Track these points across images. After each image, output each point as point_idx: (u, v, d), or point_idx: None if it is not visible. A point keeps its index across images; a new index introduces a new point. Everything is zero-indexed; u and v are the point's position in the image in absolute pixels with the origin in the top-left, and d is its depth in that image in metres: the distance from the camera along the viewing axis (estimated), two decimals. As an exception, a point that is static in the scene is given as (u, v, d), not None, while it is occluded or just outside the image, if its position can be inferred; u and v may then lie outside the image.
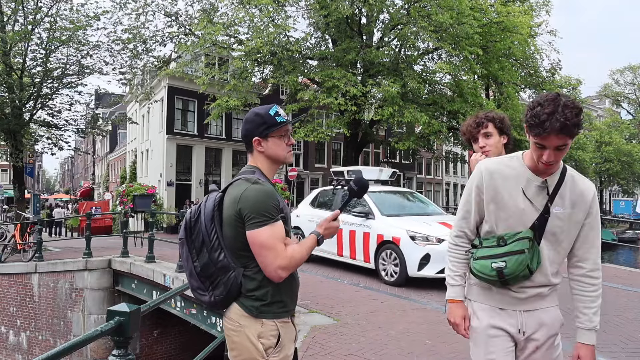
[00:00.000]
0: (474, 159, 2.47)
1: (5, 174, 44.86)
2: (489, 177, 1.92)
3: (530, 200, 1.86)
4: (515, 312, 1.92)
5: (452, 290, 2.06)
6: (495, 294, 1.95)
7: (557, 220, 1.85)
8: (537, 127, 1.70)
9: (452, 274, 2.07)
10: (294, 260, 1.85)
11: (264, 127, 1.95)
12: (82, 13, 14.82)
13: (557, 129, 1.67)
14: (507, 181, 1.89)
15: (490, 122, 2.53)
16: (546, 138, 1.71)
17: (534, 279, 1.89)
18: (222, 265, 1.85)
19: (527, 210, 1.86)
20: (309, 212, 9.33)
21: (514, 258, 1.83)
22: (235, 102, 17.40)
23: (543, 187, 1.86)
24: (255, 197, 1.82)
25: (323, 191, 9.85)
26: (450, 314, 2.07)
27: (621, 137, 43.68)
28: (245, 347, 1.85)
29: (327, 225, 2.00)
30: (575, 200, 1.87)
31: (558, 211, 1.86)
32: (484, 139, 2.54)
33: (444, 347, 4.59)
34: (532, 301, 1.93)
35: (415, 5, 17.26)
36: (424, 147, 23.10)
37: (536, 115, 1.70)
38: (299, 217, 9.38)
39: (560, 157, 1.78)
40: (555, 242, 1.88)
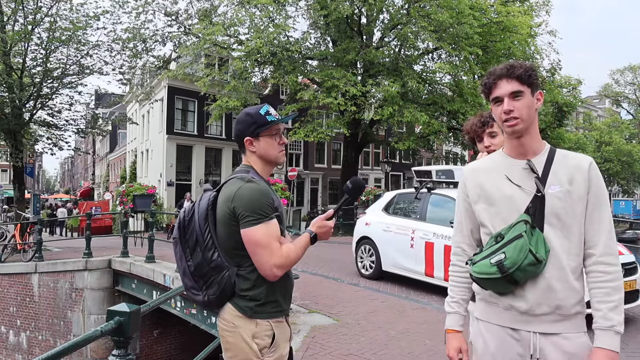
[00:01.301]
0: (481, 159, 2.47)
1: (5, 174, 44.85)
2: (472, 176, 1.82)
3: (518, 185, 1.70)
4: (529, 333, 1.63)
5: (449, 319, 1.86)
6: (503, 310, 1.68)
7: (556, 200, 1.65)
8: (487, 79, 1.71)
9: (449, 300, 1.86)
10: (289, 259, 1.85)
11: (255, 126, 1.95)
12: (82, 13, 14.83)
13: (503, 72, 1.67)
14: (489, 174, 1.77)
15: (495, 122, 2.49)
16: (497, 86, 1.68)
17: (547, 274, 1.60)
18: (215, 264, 1.85)
19: (516, 196, 1.68)
20: (383, 219, 7.78)
21: (512, 245, 1.60)
22: (235, 102, 17.40)
23: (528, 169, 1.70)
24: (250, 196, 1.82)
25: (401, 195, 8.12)
26: (446, 346, 1.87)
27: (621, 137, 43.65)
28: (240, 348, 1.85)
29: (321, 224, 1.98)
30: (572, 175, 1.67)
31: (555, 190, 1.66)
32: (489, 139, 2.50)
33: (444, 347, 4.57)
34: (551, 320, 1.61)
35: (415, 5, 17.25)
36: (424, 147, 23.10)
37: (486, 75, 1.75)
38: (370, 226, 8.02)
39: (522, 110, 1.65)
40: (562, 226, 1.64)
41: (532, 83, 1.67)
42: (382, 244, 7.64)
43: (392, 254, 7.41)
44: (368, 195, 17.56)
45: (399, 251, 7.30)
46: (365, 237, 8.07)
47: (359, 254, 8.27)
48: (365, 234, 8.09)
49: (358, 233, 8.33)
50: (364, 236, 8.13)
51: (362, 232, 8.20)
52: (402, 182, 38.24)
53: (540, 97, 1.70)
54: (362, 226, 8.28)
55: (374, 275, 7.82)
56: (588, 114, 46.90)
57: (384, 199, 8.36)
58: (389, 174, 24.48)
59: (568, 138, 26.01)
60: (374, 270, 7.82)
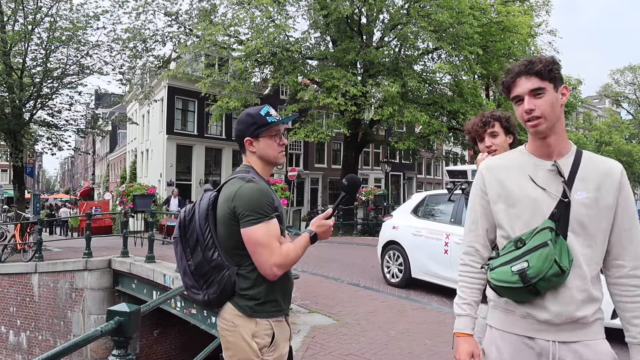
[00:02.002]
0: (481, 159, 2.44)
1: (5, 174, 44.85)
2: (490, 174, 1.70)
3: (543, 187, 1.58)
4: (548, 342, 1.55)
5: (459, 322, 1.74)
6: (520, 318, 1.59)
7: (582, 207, 1.55)
8: (506, 78, 1.63)
9: (459, 302, 1.76)
10: (289, 258, 1.86)
11: (255, 127, 1.96)
12: (82, 13, 14.83)
13: (522, 69, 1.58)
14: (511, 172, 1.65)
15: (497, 122, 2.48)
16: (516, 84, 1.59)
17: (569, 284, 1.52)
18: (216, 264, 1.86)
19: (540, 199, 1.58)
20: (413, 223, 7.25)
21: (536, 254, 1.50)
22: (235, 103, 17.40)
23: (555, 171, 1.59)
24: (250, 195, 1.83)
25: (432, 197, 7.56)
26: (456, 350, 1.74)
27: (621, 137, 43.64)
28: (240, 347, 1.86)
29: (320, 223, 1.98)
30: (600, 181, 1.57)
31: (581, 196, 1.55)
32: (491, 139, 2.48)
33: (444, 347, 4.59)
34: (570, 328, 1.54)
35: (415, 5, 17.26)
36: (424, 147, 23.11)
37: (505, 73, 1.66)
38: (398, 230, 7.49)
39: (545, 108, 1.56)
40: (586, 235, 1.55)
41: (554, 77, 1.57)
42: (412, 249, 7.08)
43: (423, 260, 6.85)
44: (368, 195, 17.56)
45: (431, 257, 6.75)
46: (392, 242, 7.51)
47: (385, 260, 7.66)
48: (392, 238, 7.52)
49: (384, 237, 7.75)
50: (391, 241, 7.54)
51: (389, 237, 7.61)
52: (402, 182, 38.24)
53: (565, 91, 1.60)
54: (389, 230, 7.69)
55: (402, 282, 7.23)
56: (588, 114, 46.89)
57: (413, 200, 7.82)
58: (389, 174, 24.48)
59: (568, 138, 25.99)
60: (403, 278, 7.23)
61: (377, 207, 18.34)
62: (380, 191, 18.35)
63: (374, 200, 17.41)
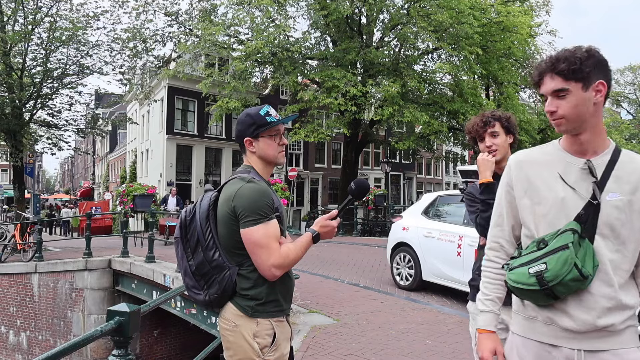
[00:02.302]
0: (481, 159, 2.44)
1: (5, 174, 44.85)
2: (518, 168, 1.60)
3: (572, 187, 1.49)
4: (573, 351, 1.45)
5: (482, 318, 1.68)
6: (543, 325, 1.51)
7: (613, 210, 1.45)
8: (533, 76, 1.55)
9: (482, 298, 1.69)
10: (288, 259, 1.86)
11: (254, 127, 1.96)
12: (82, 13, 14.85)
13: (546, 67, 1.48)
14: (540, 168, 1.56)
15: (497, 121, 2.47)
16: (543, 82, 1.50)
17: (594, 290, 1.43)
18: (216, 264, 1.86)
19: (568, 199, 1.48)
20: (424, 224, 7.06)
21: (555, 256, 1.42)
22: (235, 103, 17.40)
23: (587, 170, 1.49)
24: (249, 196, 1.83)
25: (443, 197, 7.35)
26: (478, 347, 1.68)
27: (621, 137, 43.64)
28: (241, 347, 1.86)
29: (324, 224, 1.98)
30: (637, 184, 1.46)
31: (613, 198, 1.45)
32: (491, 139, 2.46)
33: (444, 347, 4.59)
34: (597, 336, 1.44)
35: (415, 5, 17.26)
36: (424, 147, 23.11)
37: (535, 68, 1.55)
38: (408, 231, 7.26)
39: (567, 109, 1.47)
40: (616, 239, 1.45)
41: (583, 76, 1.44)
42: (423, 251, 6.90)
43: (435, 263, 6.67)
44: (368, 195, 17.55)
45: (444, 260, 6.57)
46: (402, 244, 7.29)
47: (394, 262, 7.46)
48: (402, 240, 7.29)
49: (394, 239, 7.53)
50: (401, 242, 7.32)
51: (399, 238, 7.39)
52: (402, 182, 38.23)
53: (602, 87, 1.46)
54: (399, 231, 7.44)
55: (412, 285, 7.06)
56: (588, 114, 46.90)
57: (423, 201, 7.55)
58: (389, 174, 24.47)
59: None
60: (413, 280, 7.06)
61: (377, 207, 18.35)
62: (380, 191, 18.36)
63: (374, 200, 17.41)
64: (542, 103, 14.45)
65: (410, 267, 7.13)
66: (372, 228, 18.64)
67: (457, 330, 5.14)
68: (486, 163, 2.40)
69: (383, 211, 19.09)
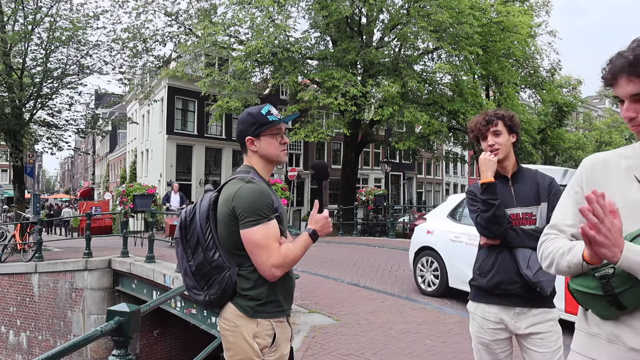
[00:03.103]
0: (482, 158, 2.40)
1: (5, 174, 44.86)
2: (590, 169, 1.47)
3: None
4: None
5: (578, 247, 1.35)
6: (607, 344, 1.34)
7: None
8: (604, 73, 1.37)
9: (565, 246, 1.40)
10: (288, 258, 1.85)
11: (256, 126, 1.96)
12: (82, 13, 14.86)
13: (623, 67, 1.28)
14: (614, 170, 1.42)
15: (500, 120, 2.41)
16: (617, 84, 1.32)
17: None
18: (216, 264, 1.86)
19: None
20: (450, 227, 6.60)
21: None
22: (235, 103, 17.41)
23: None
24: (249, 196, 1.83)
25: None
26: None
27: (621, 137, 43.62)
28: (241, 347, 1.86)
29: (315, 219, 1.99)
30: None
31: None
32: (493, 137, 2.41)
33: (444, 347, 4.59)
34: None
35: (415, 5, 17.27)
36: (424, 147, 23.12)
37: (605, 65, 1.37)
38: (433, 234, 6.88)
39: None
40: None
41: None
42: (450, 256, 6.52)
43: (463, 269, 6.11)
44: (368, 195, 17.56)
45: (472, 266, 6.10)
46: (426, 248, 6.95)
47: (418, 267, 7.12)
48: (427, 243, 6.96)
49: (417, 243, 7.21)
50: (425, 246, 6.99)
51: (423, 242, 7.05)
52: (402, 182, 38.23)
53: None
54: (423, 235, 7.12)
55: (438, 292, 6.72)
56: (588, 114, 46.87)
57: (449, 203, 7.15)
58: (389, 174, 24.48)
59: (568, 138, 26.05)
60: (439, 287, 6.71)
61: (377, 207, 18.34)
62: (380, 191, 18.34)
63: (374, 200, 17.41)
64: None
65: (436, 272, 6.78)
66: (372, 228, 18.63)
67: (457, 330, 5.14)
68: (488, 162, 2.35)
69: (383, 211, 19.09)
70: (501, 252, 2.34)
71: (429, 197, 44.00)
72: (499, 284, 2.29)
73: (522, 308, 2.26)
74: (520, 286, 2.24)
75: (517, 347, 2.35)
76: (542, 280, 2.19)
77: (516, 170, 2.42)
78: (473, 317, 2.39)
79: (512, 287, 2.26)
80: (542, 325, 2.23)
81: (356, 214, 18.01)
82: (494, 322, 2.29)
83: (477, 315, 2.37)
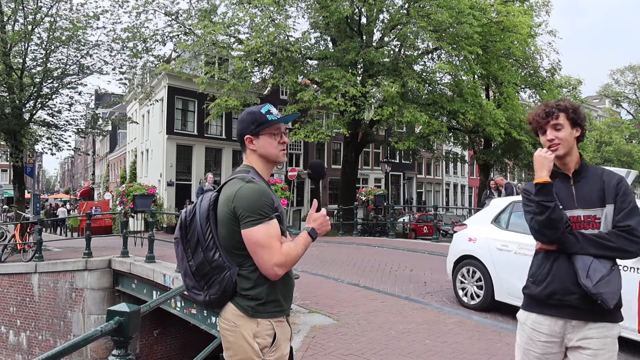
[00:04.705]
0: (538, 155, 2.14)
1: (5, 174, 44.87)
2: None
3: None
4: None
5: None
6: None
7: None
8: None
9: None
10: (290, 257, 1.86)
11: (255, 124, 1.97)
12: (82, 13, 14.85)
13: None
14: None
15: (563, 113, 2.14)
16: None
17: None
18: (217, 264, 1.86)
19: None
20: (496, 235, 6.03)
21: None
22: (234, 101, 17.40)
23: None
24: (249, 196, 1.83)
25: (518, 204, 5.93)
26: None
27: (621, 137, 43.63)
28: (241, 347, 1.86)
29: (313, 217, 1.99)
30: None
31: None
32: (553, 132, 2.14)
33: (444, 347, 4.59)
34: None
35: (414, 5, 17.28)
36: (424, 147, 23.12)
37: None
38: (476, 242, 6.30)
39: None
40: None
41: None
42: (497, 266, 5.92)
43: (513, 281, 5.56)
44: (368, 195, 17.55)
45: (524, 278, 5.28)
46: (468, 257, 6.39)
47: (458, 278, 6.52)
48: (468, 252, 6.40)
49: (457, 251, 6.64)
50: (466, 255, 6.44)
51: (464, 250, 6.48)
52: (402, 182, 38.23)
53: None
54: (464, 242, 6.57)
55: (482, 305, 6.09)
56: (588, 114, 46.82)
57: (492, 208, 6.58)
58: (389, 174, 24.48)
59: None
60: (483, 299, 6.08)
61: (377, 207, 18.33)
62: (380, 191, 18.33)
63: (374, 200, 17.40)
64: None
65: (479, 282, 6.18)
66: (372, 228, 18.63)
67: (457, 330, 5.14)
68: (543, 160, 2.10)
69: (383, 211, 19.08)
70: (558, 258, 2.10)
71: (429, 197, 44.01)
72: (554, 294, 2.08)
73: (578, 321, 2.04)
74: (578, 297, 2.01)
75: None
76: (603, 291, 1.96)
77: (579, 167, 2.16)
78: (522, 327, 2.20)
79: (568, 297, 2.04)
80: (596, 341, 2.01)
81: (356, 214, 18.00)
82: (545, 335, 2.09)
83: (526, 326, 2.17)
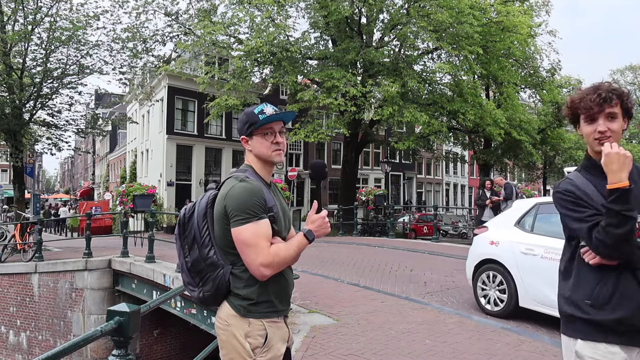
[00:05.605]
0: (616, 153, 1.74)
1: (5, 174, 44.88)
2: None
3: None
4: None
5: None
6: None
7: None
8: None
9: None
10: (278, 258, 1.84)
11: (247, 125, 1.98)
12: (82, 13, 14.86)
13: None
14: None
15: (619, 99, 1.79)
16: None
17: None
18: (211, 261, 1.88)
19: None
20: (520, 238, 5.73)
21: None
22: (234, 101, 17.40)
23: None
24: (239, 195, 1.84)
25: (545, 206, 5.80)
26: None
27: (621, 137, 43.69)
28: (233, 346, 1.86)
29: (312, 219, 1.96)
30: None
31: None
32: (607, 122, 1.78)
33: (444, 347, 4.59)
34: None
35: (414, 5, 17.28)
36: (424, 147, 23.12)
37: None
38: (498, 246, 5.99)
39: None
40: None
41: None
42: (521, 271, 5.62)
43: (539, 287, 5.36)
44: (368, 195, 17.55)
45: (552, 283, 4.99)
46: (489, 261, 6.06)
47: (479, 283, 6.18)
48: (490, 256, 6.06)
49: (478, 254, 6.31)
50: (488, 259, 6.10)
51: (486, 254, 6.14)
52: (402, 182, 38.23)
53: None
54: (485, 245, 6.22)
55: (506, 312, 5.76)
56: (588, 114, 46.89)
57: (516, 210, 6.25)
58: (389, 174, 24.48)
59: (568, 138, 26.02)
60: (506, 306, 5.76)
61: (377, 207, 18.34)
62: (380, 191, 18.33)
63: (374, 200, 17.40)
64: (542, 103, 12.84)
65: (501, 288, 5.87)
66: (372, 228, 18.63)
67: (457, 330, 5.14)
68: (624, 160, 1.71)
69: (383, 211, 19.08)
70: (621, 275, 1.72)
71: (429, 197, 44.01)
72: (624, 320, 1.69)
73: None
74: None
75: None
76: None
77: None
78: (567, 353, 1.84)
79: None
80: None
81: (356, 214, 18.00)
82: None
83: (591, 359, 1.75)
